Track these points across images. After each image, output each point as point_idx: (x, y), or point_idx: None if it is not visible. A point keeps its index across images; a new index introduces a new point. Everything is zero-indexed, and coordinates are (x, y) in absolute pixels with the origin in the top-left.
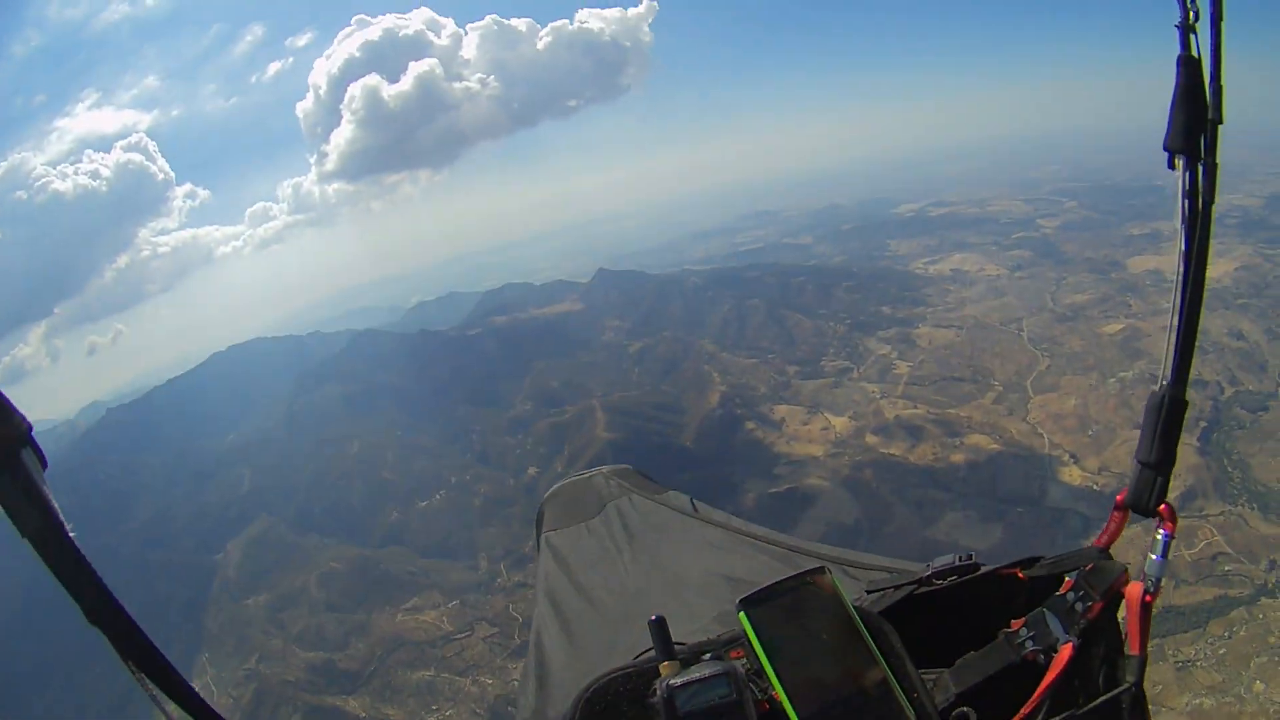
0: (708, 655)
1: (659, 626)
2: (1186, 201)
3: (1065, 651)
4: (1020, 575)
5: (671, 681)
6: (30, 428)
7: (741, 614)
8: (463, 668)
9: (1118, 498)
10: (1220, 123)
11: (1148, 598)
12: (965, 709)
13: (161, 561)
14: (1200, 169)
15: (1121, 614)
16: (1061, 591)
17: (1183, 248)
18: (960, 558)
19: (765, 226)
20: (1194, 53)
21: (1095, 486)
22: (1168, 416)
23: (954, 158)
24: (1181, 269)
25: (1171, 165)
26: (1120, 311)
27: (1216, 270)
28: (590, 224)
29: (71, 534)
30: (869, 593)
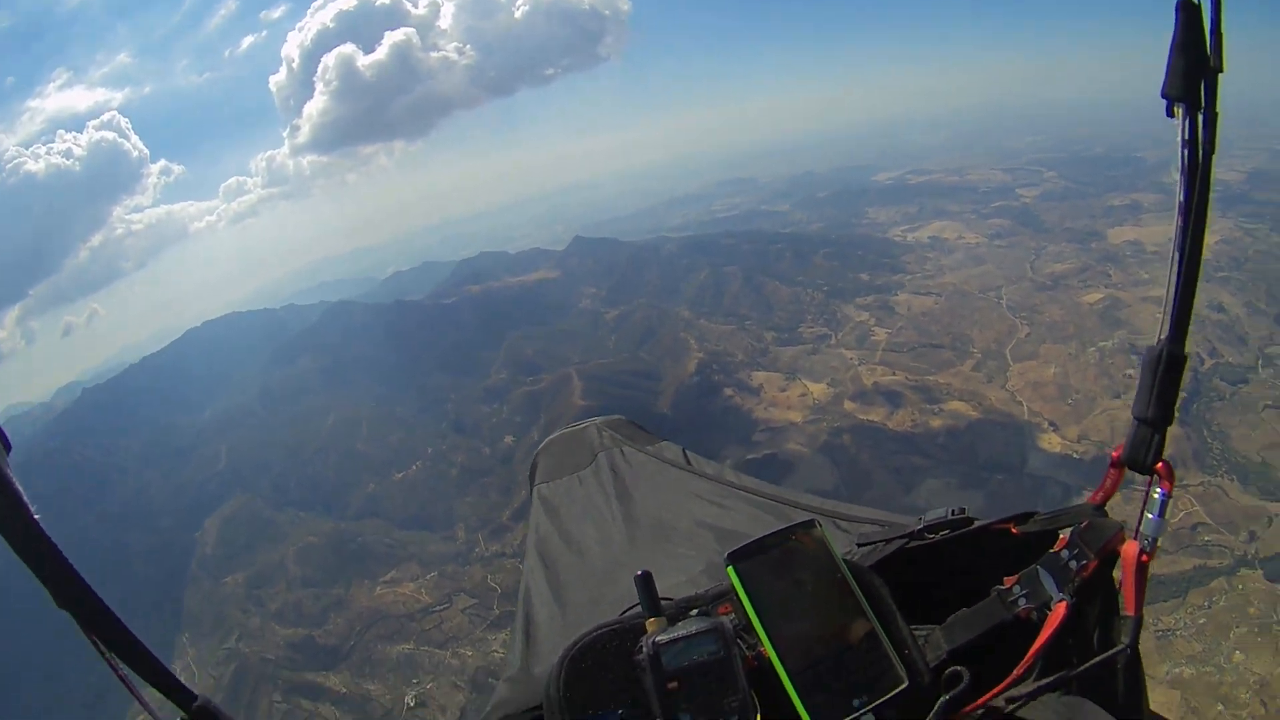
0: (695, 611)
1: (645, 581)
2: (1186, 151)
3: (1059, 610)
4: (1014, 531)
5: (658, 639)
6: None
7: (730, 568)
8: (442, 640)
9: (1113, 454)
10: (1221, 70)
11: (1144, 558)
12: (958, 668)
13: (140, 543)
14: (1200, 118)
15: (1117, 573)
16: (1056, 549)
17: (1181, 198)
18: (952, 511)
19: (742, 194)
20: None
21: (1075, 454)
22: (1166, 371)
23: (932, 127)
24: (1180, 220)
25: (1170, 113)
26: (1100, 281)
27: None
28: (566, 192)
29: (37, 516)
30: (859, 546)
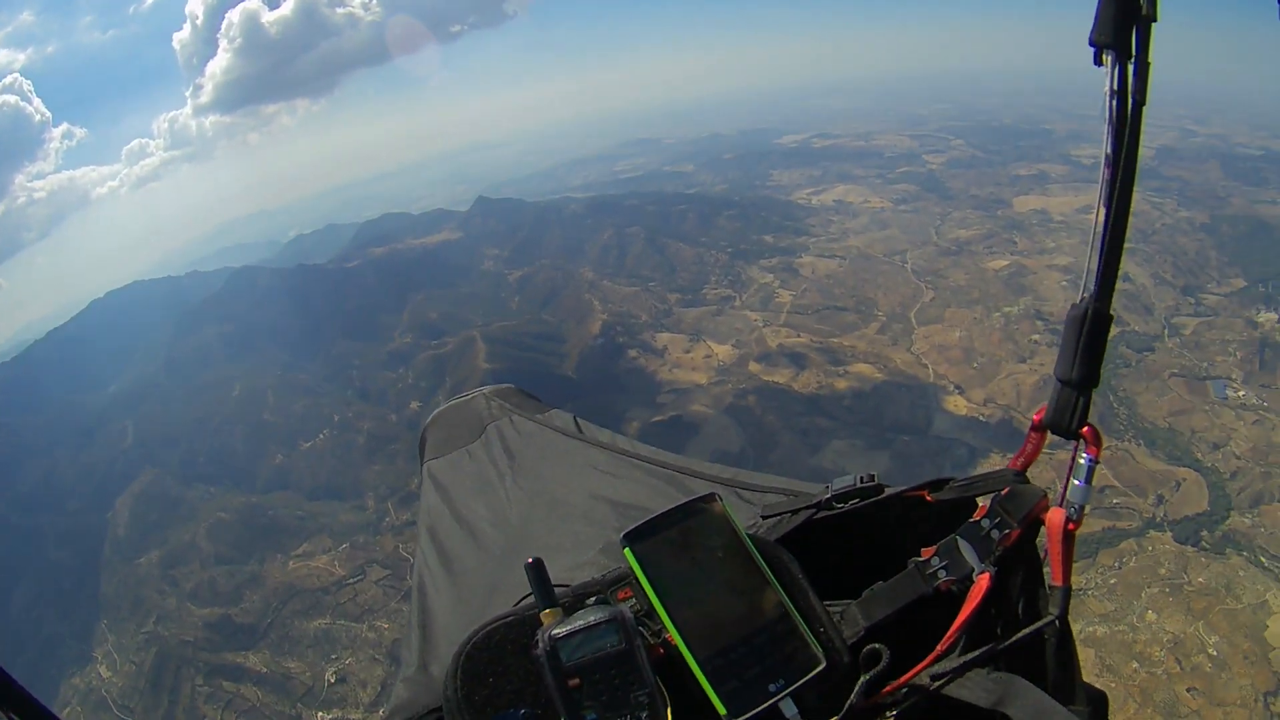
0: (592, 599)
1: (536, 570)
2: (1115, 101)
3: (982, 582)
4: (928, 498)
5: (554, 632)
6: None
7: (627, 550)
8: (358, 613)
9: (1035, 417)
10: (1155, 19)
11: (1070, 526)
12: (876, 645)
13: (52, 526)
14: (1131, 67)
15: (1041, 541)
16: (975, 517)
17: (1109, 150)
18: (861, 479)
19: (646, 154)
20: None
21: (981, 417)
22: (1091, 331)
23: (838, 92)
24: (1107, 173)
25: (1098, 61)
26: (1005, 248)
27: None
28: (469, 152)
29: None
30: (764, 518)
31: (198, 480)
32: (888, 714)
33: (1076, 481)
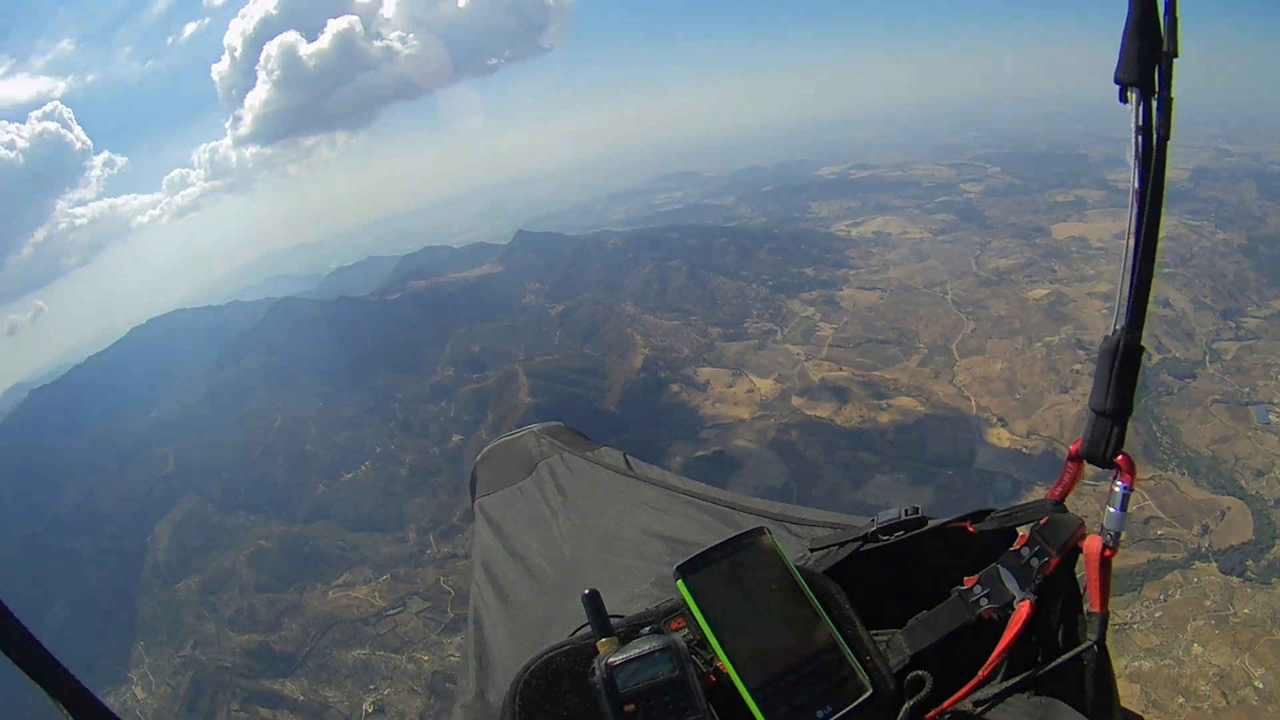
0: (647, 629)
1: (592, 601)
2: (1140, 137)
3: (1023, 609)
4: (970, 529)
5: (610, 660)
6: None
7: (679, 581)
8: (397, 645)
9: (1071, 448)
10: (1176, 54)
11: (1107, 552)
12: (920, 673)
13: (90, 549)
14: (1154, 103)
15: (1079, 570)
16: (1015, 546)
17: (1135, 185)
18: (906, 511)
19: (685, 187)
20: None
21: (1025, 449)
22: (1123, 362)
23: (873, 122)
24: (1135, 207)
25: (1123, 99)
26: (1045, 277)
27: None
28: (509, 185)
29: None
30: (812, 551)
31: (239, 508)
32: None
33: (1112, 509)
